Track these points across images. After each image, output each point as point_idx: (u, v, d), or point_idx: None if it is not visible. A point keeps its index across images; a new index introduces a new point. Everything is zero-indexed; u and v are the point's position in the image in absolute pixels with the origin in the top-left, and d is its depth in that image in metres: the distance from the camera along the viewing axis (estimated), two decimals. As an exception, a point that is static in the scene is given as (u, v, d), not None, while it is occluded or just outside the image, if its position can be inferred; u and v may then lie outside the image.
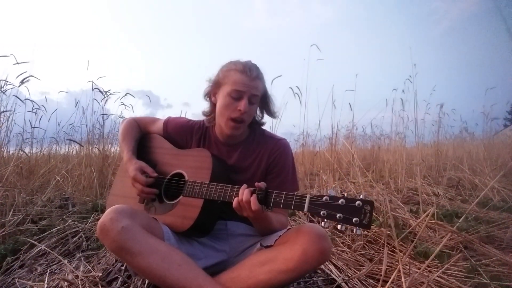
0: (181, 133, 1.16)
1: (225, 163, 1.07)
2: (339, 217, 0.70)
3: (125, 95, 2.92)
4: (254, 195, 0.82)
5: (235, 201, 0.84)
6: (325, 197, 0.73)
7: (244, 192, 0.83)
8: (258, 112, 1.11)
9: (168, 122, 1.19)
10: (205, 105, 1.12)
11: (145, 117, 1.28)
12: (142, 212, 0.92)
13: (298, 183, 1.12)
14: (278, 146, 1.08)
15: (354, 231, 0.69)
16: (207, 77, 1.08)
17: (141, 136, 1.23)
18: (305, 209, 0.74)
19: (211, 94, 1.07)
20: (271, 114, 1.12)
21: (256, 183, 0.83)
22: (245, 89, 0.97)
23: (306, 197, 0.75)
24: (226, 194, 0.88)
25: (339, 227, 0.71)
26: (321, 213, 0.72)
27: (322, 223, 0.73)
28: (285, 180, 1.06)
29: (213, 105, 1.07)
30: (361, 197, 0.70)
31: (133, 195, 1.07)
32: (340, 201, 0.71)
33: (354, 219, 0.68)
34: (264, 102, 1.08)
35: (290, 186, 1.06)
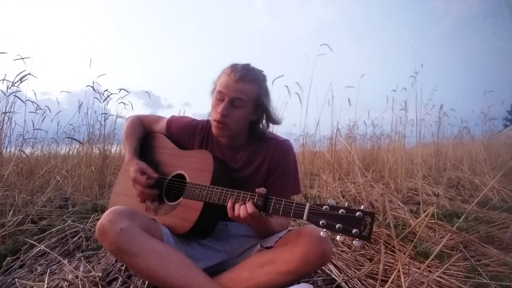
0: (184, 133, 1.15)
1: (227, 166, 1.05)
2: (339, 227, 0.69)
3: (120, 91, 2.89)
4: (250, 202, 0.81)
5: (229, 209, 0.84)
6: (325, 207, 0.72)
7: (240, 208, 0.82)
8: (263, 120, 1.07)
9: (171, 121, 1.18)
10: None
11: (149, 115, 1.26)
12: (141, 213, 0.92)
13: (300, 185, 1.09)
14: (280, 148, 1.06)
15: (354, 242, 0.68)
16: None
17: (144, 135, 1.22)
18: (304, 218, 0.73)
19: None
20: (273, 121, 1.07)
21: (257, 190, 0.82)
22: (226, 91, 0.95)
23: (305, 206, 0.75)
24: (226, 198, 0.87)
25: (338, 238, 0.70)
26: (321, 222, 0.71)
27: (321, 233, 0.72)
28: (286, 183, 1.05)
29: None
30: (361, 207, 0.69)
31: (135, 194, 1.07)
32: (340, 211, 0.70)
33: (353, 230, 0.67)
34: (260, 109, 1.02)
35: (291, 189, 1.06)
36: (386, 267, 1.22)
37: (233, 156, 1.08)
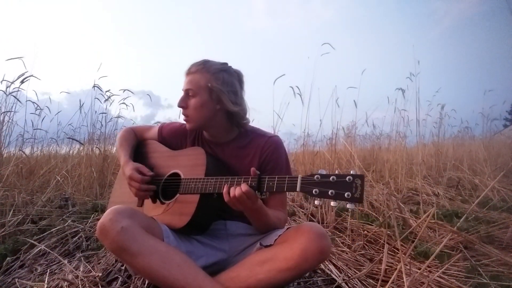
0: (176, 136, 1.19)
1: (220, 160, 1.08)
2: (331, 193, 0.71)
3: (124, 91, 2.91)
4: (245, 183, 0.83)
5: (225, 194, 0.85)
6: (316, 176, 0.74)
7: (235, 189, 0.83)
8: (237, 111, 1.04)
9: (162, 127, 1.23)
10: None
11: (141, 125, 1.34)
12: (142, 213, 0.93)
13: None
14: (270, 143, 1.07)
15: (348, 206, 0.70)
16: None
17: (137, 143, 1.27)
18: (298, 188, 0.75)
19: None
20: (229, 106, 1.01)
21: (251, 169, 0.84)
22: (183, 86, 1.05)
23: (297, 177, 0.77)
24: (221, 186, 0.88)
25: (332, 203, 0.72)
26: (314, 191, 0.73)
27: (316, 202, 0.74)
28: None
29: None
30: (351, 172, 0.71)
31: (132, 200, 1.08)
32: (331, 178, 0.72)
33: (346, 194, 0.69)
34: (215, 94, 1.00)
35: None
36: (386, 267, 1.22)
37: (222, 152, 1.10)
